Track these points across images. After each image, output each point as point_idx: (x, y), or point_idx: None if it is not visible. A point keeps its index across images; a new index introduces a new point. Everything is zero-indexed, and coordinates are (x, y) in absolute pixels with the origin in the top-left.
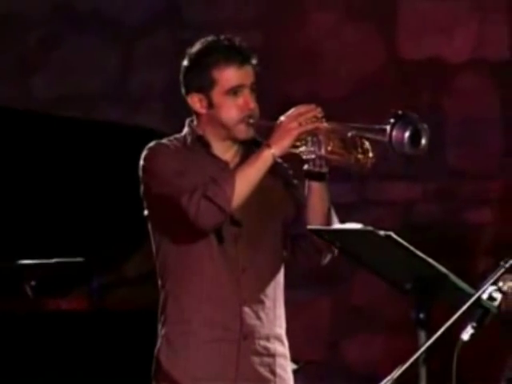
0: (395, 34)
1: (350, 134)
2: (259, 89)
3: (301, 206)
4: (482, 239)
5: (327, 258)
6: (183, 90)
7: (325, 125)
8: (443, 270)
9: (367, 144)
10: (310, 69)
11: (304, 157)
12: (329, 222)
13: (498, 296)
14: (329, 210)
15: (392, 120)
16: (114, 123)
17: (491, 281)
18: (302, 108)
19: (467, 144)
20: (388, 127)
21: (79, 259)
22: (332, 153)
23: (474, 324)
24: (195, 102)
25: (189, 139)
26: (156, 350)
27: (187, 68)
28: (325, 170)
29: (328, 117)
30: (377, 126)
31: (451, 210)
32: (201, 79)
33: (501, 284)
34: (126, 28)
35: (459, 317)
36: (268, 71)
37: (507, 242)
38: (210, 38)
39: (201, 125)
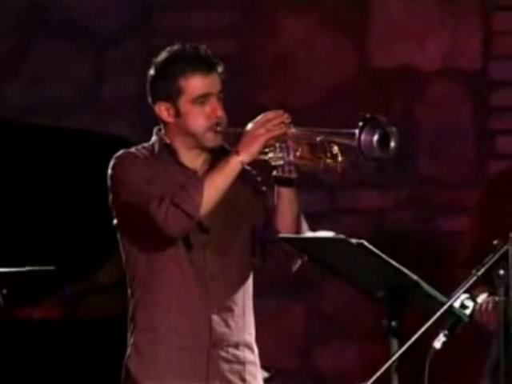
0: (367, 42)
1: (318, 139)
2: (232, 97)
3: (270, 213)
4: (456, 247)
5: (298, 264)
6: (150, 99)
7: (293, 130)
8: (415, 278)
9: (336, 148)
10: (282, 76)
11: (273, 163)
12: (298, 228)
13: (469, 304)
14: (298, 215)
15: (360, 123)
16: (85, 131)
17: (463, 289)
18: (269, 114)
19: (439, 152)
20: (357, 131)
21: (51, 268)
22: (301, 158)
23: (446, 332)
24: (162, 110)
25: (156, 148)
26: (125, 359)
27: (153, 77)
28: (294, 175)
29: (299, 125)
30: (345, 131)
31: (423, 219)
32: (167, 88)
33: (479, 299)
34: (98, 36)
35: (431, 325)
36: (241, 79)
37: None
38: (175, 47)
39: (168, 134)
